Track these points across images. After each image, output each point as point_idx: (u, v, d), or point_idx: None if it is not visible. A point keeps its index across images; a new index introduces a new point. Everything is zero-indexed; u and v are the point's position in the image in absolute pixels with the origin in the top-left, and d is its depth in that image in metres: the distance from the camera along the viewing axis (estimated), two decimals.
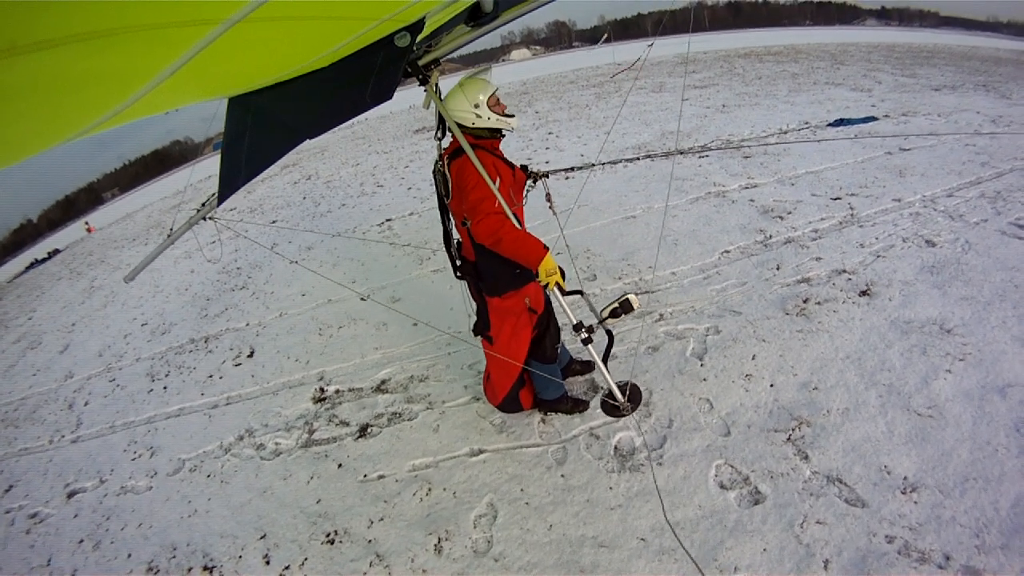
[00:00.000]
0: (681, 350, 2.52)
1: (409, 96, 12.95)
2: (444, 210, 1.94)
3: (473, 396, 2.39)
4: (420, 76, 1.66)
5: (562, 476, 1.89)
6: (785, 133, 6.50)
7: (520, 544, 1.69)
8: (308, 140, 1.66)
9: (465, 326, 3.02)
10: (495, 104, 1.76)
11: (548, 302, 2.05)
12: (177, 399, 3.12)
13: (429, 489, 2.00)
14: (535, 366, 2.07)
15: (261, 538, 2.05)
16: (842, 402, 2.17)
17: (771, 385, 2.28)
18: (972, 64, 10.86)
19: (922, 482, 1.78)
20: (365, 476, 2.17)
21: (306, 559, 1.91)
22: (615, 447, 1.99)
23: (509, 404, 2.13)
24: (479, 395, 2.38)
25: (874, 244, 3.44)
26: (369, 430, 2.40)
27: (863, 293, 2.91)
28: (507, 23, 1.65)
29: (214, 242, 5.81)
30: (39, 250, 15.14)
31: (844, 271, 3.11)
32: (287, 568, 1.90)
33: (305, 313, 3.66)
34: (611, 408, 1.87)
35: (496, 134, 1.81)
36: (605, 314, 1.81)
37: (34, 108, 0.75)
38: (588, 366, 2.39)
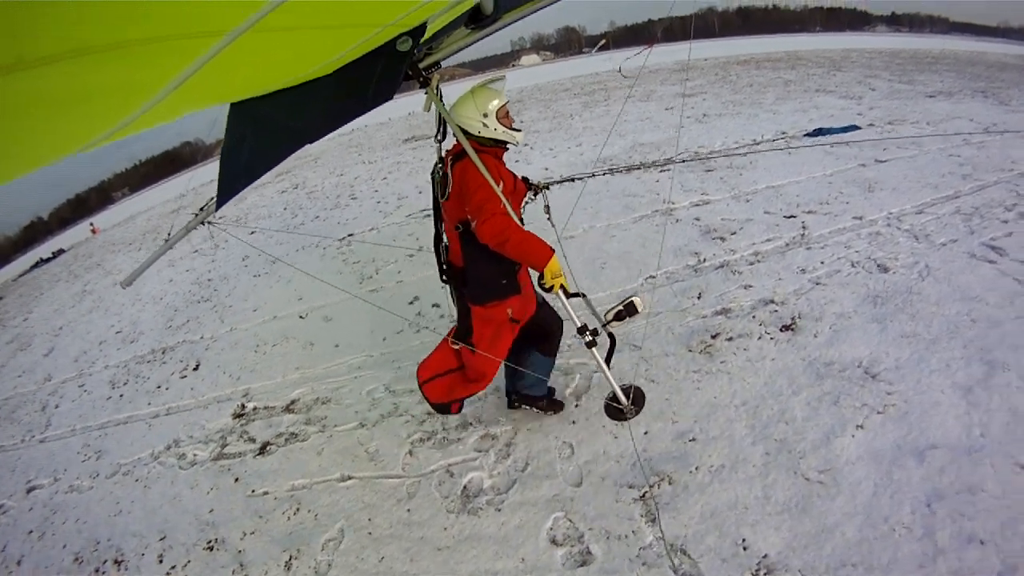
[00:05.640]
0: (563, 387, 2.53)
1: (409, 103, 13.20)
2: (438, 213, 1.94)
3: (359, 423, 2.61)
4: (421, 79, 1.67)
5: (408, 511, 2.05)
6: (758, 144, 6.39)
7: (352, 572, 1.88)
8: (308, 144, 1.67)
9: (378, 349, 3.25)
10: (504, 116, 1.78)
11: (540, 303, 2.04)
12: (129, 407, 3.47)
13: (297, 509, 2.24)
14: (535, 358, 2.07)
15: (161, 539, 2.34)
16: (719, 458, 1.99)
17: (645, 432, 2.17)
18: (976, 70, 10.31)
19: (785, 563, 1.56)
20: (253, 491, 2.42)
21: (188, 562, 2.18)
22: (464, 487, 2.09)
23: (444, 407, 2.11)
24: (366, 421, 2.60)
25: (817, 269, 3.27)
26: (268, 448, 2.66)
27: (786, 327, 2.71)
28: (508, 25, 1.64)
29: (220, 246, 6.10)
30: (46, 249, 15.67)
31: (772, 301, 2.96)
32: (173, 567, 2.17)
33: (251, 329, 3.96)
34: (615, 411, 1.84)
35: (500, 145, 1.81)
36: (609, 317, 1.77)
37: (41, 122, 0.76)
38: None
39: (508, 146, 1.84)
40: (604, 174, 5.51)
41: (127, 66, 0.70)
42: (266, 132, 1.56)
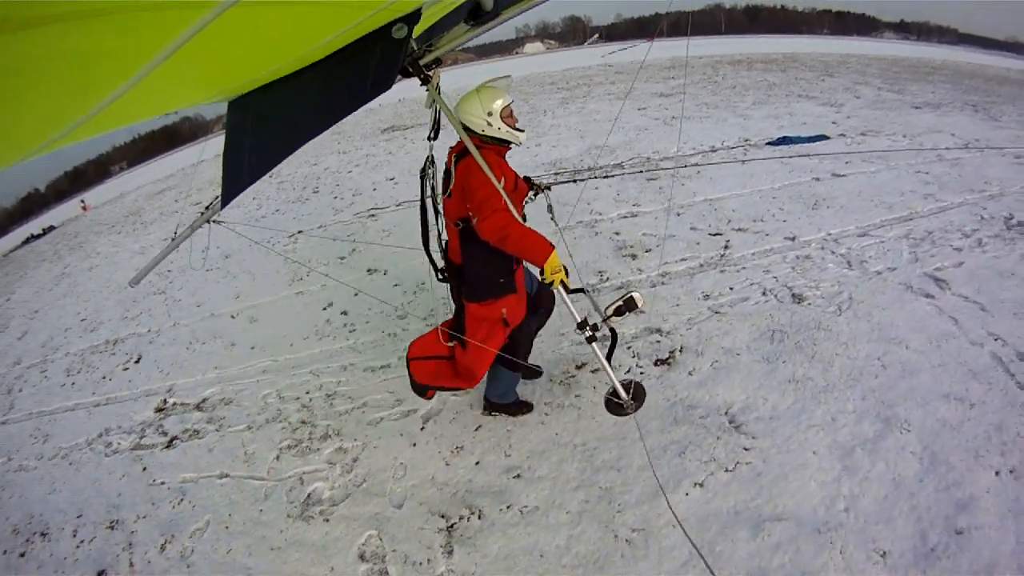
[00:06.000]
0: (413, 409, 2.64)
1: (401, 88, 13.00)
2: (424, 210, 2.00)
3: (247, 425, 2.91)
4: (422, 76, 1.69)
5: (260, 511, 2.33)
6: (714, 151, 6.28)
7: (206, 560, 2.20)
8: (310, 140, 1.65)
9: (283, 354, 3.53)
10: (508, 116, 1.83)
11: (525, 317, 2.08)
12: (77, 395, 3.87)
13: (181, 500, 2.58)
14: (501, 373, 2.16)
15: (79, 517, 2.72)
16: (536, 499, 2.00)
17: (476, 463, 2.21)
18: (973, 83, 9.81)
19: None
20: (154, 480, 2.78)
21: (94, 538, 2.56)
22: (308, 495, 2.34)
23: (422, 389, 2.16)
24: (253, 424, 2.90)
25: (722, 296, 3.17)
26: (174, 442, 3.01)
27: (661, 362, 2.61)
28: (507, 20, 1.66)
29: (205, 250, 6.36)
30: (43, 221, 15.86)
31: (658, 330, 2.89)
32: (82, 542, 2.56)
33: (190, 325, 4.28)
34: (615, 407, 1.86)
35: (502, 144, 1.87)
36: (609, 312, 1.79)
37: (25, 90, 0.75)
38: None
39: (511, 145, 1.89)
40: (606, 176, 5.51)
41: (115, 34, 0.70)
42: (266, 128, 1.58)
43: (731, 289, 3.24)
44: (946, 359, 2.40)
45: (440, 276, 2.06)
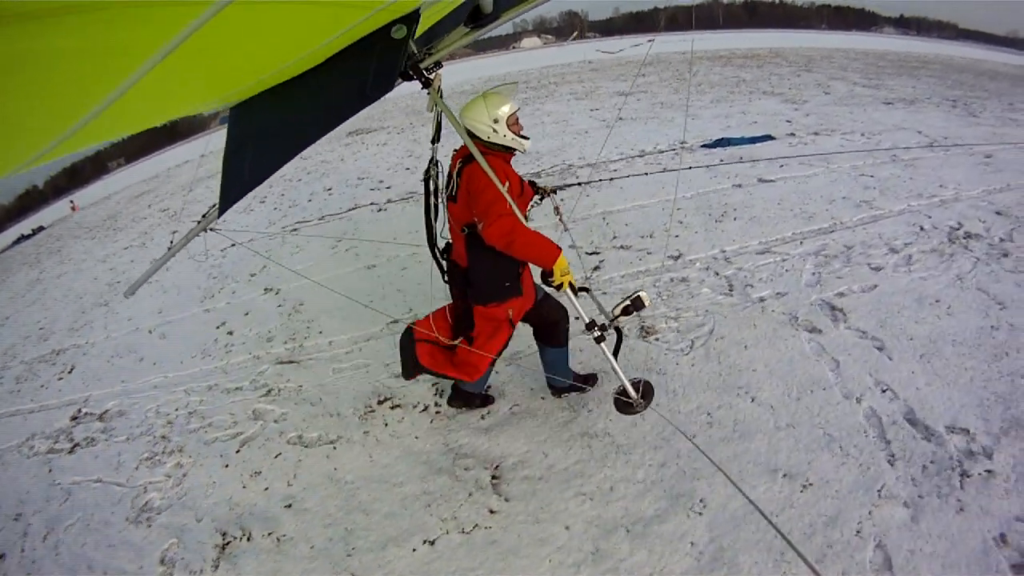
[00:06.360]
0: (240, 432, 2.93)
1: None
2: (428, 211, 2.03)
3: (127, 436, 3.43)
4: (423, 79, 1.72)
5: (112, 513, 2.80)
6: (641, 156, 6.27)
7: (68, 551, 2.69)
8: (312, 144, 1.65)
9: (174, 371, 4.01)
10: (514, 123, 1.85)
11: (540, 299, 2.12)
12: (19, 402, 4.47)
13: (67, 499, 3.12)
14: (549, 354, 2.21)
15: None
16: (293, 529, 2.09)
17: (265, 489, 2.36)
18: (962, 77, 9.43)
19: None
20: (54, 482, 3.34)
21: (3, 528, 3.16)
22: (146, 502, 2.78)
23: (414, 371, 2.19)
24: (131, 436, 3.41)
25: None
26: (75, 449, 3.57)
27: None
28: (506, 22, 1.66)
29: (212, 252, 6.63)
30: (35, 221, 16.17)
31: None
32: None
33: (119, 338, 4.82)
34: (624, 405, 1.85)
35: (508, 151, 1.90)
36: (617, 312, 1.81)
37: (20, 87, 0.72)
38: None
39: (516, 152, 1.93)
40: (610, 179, 5.61)
41: (112, 31, 0.69)
42: (266, 136, 1.61)
43: (575, 319, 3.23)
44: (799, 418, 1.98)
45: (444, 279, 2.11)
